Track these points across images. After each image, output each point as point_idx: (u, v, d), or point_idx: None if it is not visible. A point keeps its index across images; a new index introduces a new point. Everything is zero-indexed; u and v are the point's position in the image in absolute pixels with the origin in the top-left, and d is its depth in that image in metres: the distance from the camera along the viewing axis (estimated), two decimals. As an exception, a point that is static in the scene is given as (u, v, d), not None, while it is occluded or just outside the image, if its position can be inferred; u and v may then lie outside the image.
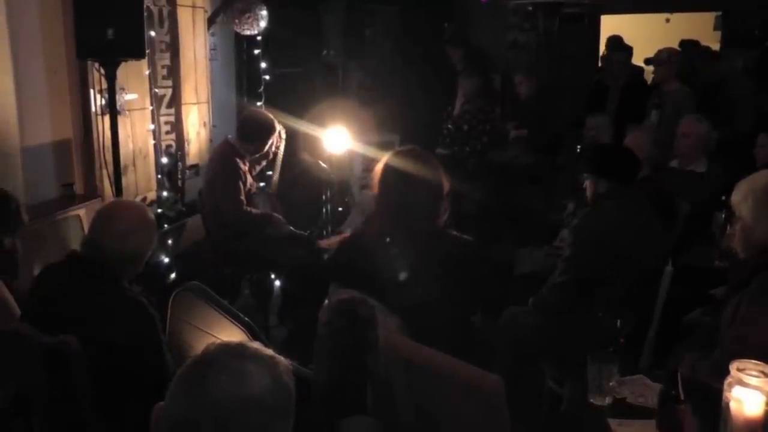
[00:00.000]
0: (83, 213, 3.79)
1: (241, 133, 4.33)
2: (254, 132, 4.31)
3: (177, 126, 4.99)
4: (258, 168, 4.48)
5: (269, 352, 1.29)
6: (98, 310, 2.18)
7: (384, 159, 2.67)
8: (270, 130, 4.31)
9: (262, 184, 4.69)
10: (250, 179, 4.33)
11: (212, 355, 1.24)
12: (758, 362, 1.75)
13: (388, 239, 2.54)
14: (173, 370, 1.52)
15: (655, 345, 2.94)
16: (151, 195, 4.62)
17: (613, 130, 5.23)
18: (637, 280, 2.94)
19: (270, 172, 4.78)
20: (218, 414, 1.18)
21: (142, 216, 2.39)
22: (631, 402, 2.15)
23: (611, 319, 2.54)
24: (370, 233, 2.65)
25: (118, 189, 3.90)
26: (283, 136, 4.48)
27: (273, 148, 4.43)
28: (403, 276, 2.47)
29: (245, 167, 4.26)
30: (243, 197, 4.17)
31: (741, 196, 2.23)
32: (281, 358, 1.29)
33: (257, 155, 4.35)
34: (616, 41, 6.53)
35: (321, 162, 4.59)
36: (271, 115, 4.36)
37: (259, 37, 5.60)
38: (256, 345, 1.30)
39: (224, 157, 4.28)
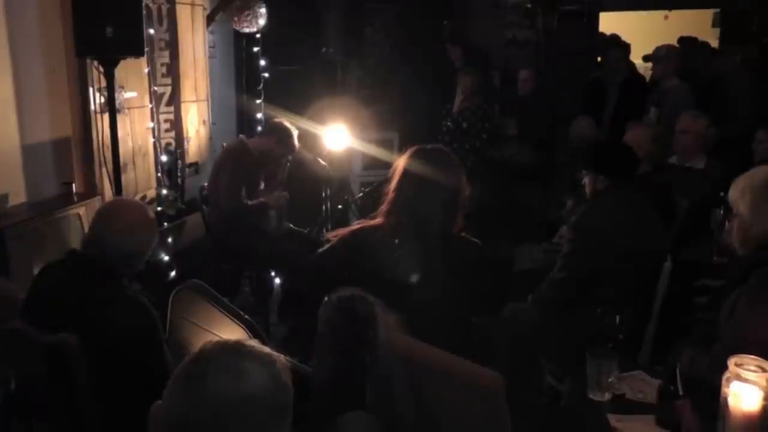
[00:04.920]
0: (83, 211, 3.80)
1: (267, 129, 4.37)
2: (275, 130, 4.33)
3: (176, 124, 4.99)
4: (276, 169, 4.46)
5: (267, 350, 1.29)
6: (98, 309, 2.18)
7: (406, 155, 2.61)
8: (287, 136, 4.31)
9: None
10: (260, 182, 4.32)
11: (210, 353, 1.24)
12: (756, 357, 1.76)
13: (396, 240, 2.51)
14: (173, 369, 1.53)
15: (654, 341, 2.95)
16: (151, 193, 4.63)
17: (608, 131, 5.29)
18: (636, 276, 2.95)
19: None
20: (217, 412, 1.18)
21: (143, 214, 2.39)
22: (630, 397, 2.16)
23: (610, 315, 2.54)
24: (376, 230, 2.59)
25: (117, 187, 3.90)
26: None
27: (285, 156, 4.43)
28: (408, 277, 2.46)
29: (254, 167, 4.25)
30: (244, 191, 4.16)
31: (739, 193, 2.23)
32: (279, 356, 1.29)
33: (279, 160, 4.35)
34: (610, 39, 6.54)
35: (320, 159, 4.59)
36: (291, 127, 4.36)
37: (258, 35, 5.60)
38: (253, 343, 1.30)
39: (233, 151, 4.30)
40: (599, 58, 7.19)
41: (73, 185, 3.96)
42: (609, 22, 7.75)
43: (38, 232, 3.48)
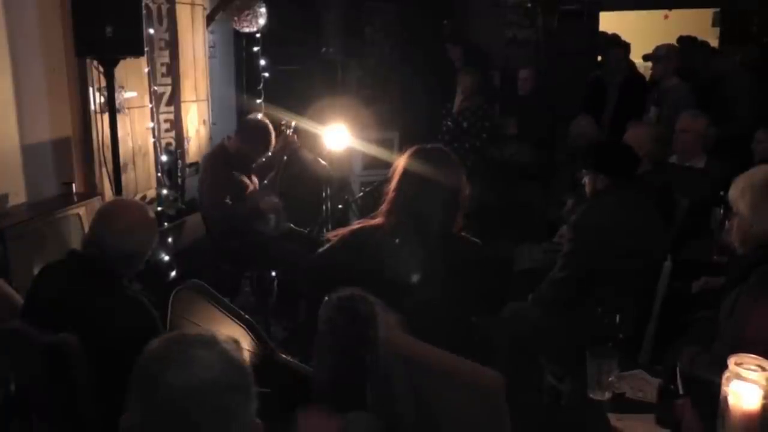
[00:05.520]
0: (83, 211, 3.79)
1: (242, 136, 4.33)
2: (245, 129, 4.32)
3: (176, 124, 4.99)
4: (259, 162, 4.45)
5: (210, 332, 1.30)
6: (98, 309, 2.18)
7: (406, 154, 2.61)
8: (265, 138, 4.29)
9: (264, 182, 4.68)
10: (252, 181, 4.32)
11: (157, 351, 1.26)
12: (756, 356, 1.76)
13: (397, 240, 2.50)
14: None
15: (654, 340, 2.95)
16: (151, 193, 4.63)
17: (608, 130, 5.28)
18: (636, 276, 2.95)
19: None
20: (176, 405, 1.19)
21: (143, 214, 2.39)
22: (630, 397, 2.16)
23: (610, 314, 2.54)
24: (376, 230, 2.58)
25: (117, 187, 3.90)
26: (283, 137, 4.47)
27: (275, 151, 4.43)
28: (408, 277, 2.46)
29: (238, 171, 4.24)
30: (229, 197, 4.13)
31: (739, 192, 2.24)
32: (223, 335, 1.30)
33: (256, 157, 4.35)
34: (610, 39, 6.54)
35: (320, 159, 4.59)
36: (268, 124, 4.34)
37: (258, 35, 5.60)
38: (194, 330, 1.31)
39: (212, 156, 4.32)
40: (599, 58, 7.20)
41: (73, 185, 3.96)
42: (609, 22, 7.75)
43: (38, 232, 3.48)
